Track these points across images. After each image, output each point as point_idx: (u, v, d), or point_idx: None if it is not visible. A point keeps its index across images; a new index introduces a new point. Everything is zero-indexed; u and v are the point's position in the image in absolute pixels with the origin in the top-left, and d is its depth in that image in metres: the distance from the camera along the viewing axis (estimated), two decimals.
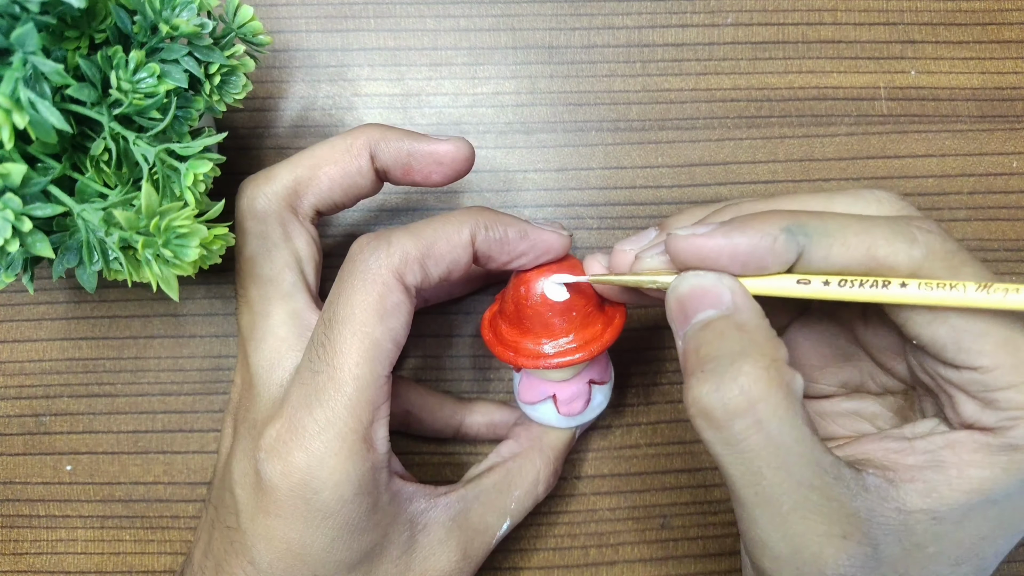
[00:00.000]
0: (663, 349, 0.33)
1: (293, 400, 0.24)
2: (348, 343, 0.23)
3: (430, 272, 0.24)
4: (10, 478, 0.32)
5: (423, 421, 0.31)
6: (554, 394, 0.28)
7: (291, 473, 0.23)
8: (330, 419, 0.23)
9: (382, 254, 0.23)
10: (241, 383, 0.27)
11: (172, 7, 0.23)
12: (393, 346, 0.24)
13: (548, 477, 0.29)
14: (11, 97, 0.19)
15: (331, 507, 0.23)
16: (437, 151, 0.26)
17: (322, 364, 0.23)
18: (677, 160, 0.34)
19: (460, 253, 0.24)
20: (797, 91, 0.34)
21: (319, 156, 0.26)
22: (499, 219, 0.25)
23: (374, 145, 0.26)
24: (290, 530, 0.23)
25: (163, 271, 0.22)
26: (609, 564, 0.32)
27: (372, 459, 0.23)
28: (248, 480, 0.24)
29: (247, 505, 0.24)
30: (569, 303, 0.26)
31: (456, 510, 0.26)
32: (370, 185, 0.27)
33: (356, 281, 0.23)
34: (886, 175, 0.34)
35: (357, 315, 0.23)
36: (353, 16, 0.34)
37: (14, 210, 0.20)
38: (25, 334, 0.33)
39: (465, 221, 0.24)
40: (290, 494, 0.23)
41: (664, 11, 0.34)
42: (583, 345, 0.26)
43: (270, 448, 0.23)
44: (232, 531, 0.24)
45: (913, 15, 0.34)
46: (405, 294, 0.24)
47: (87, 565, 0.32)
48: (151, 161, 0.23)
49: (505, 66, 0.34)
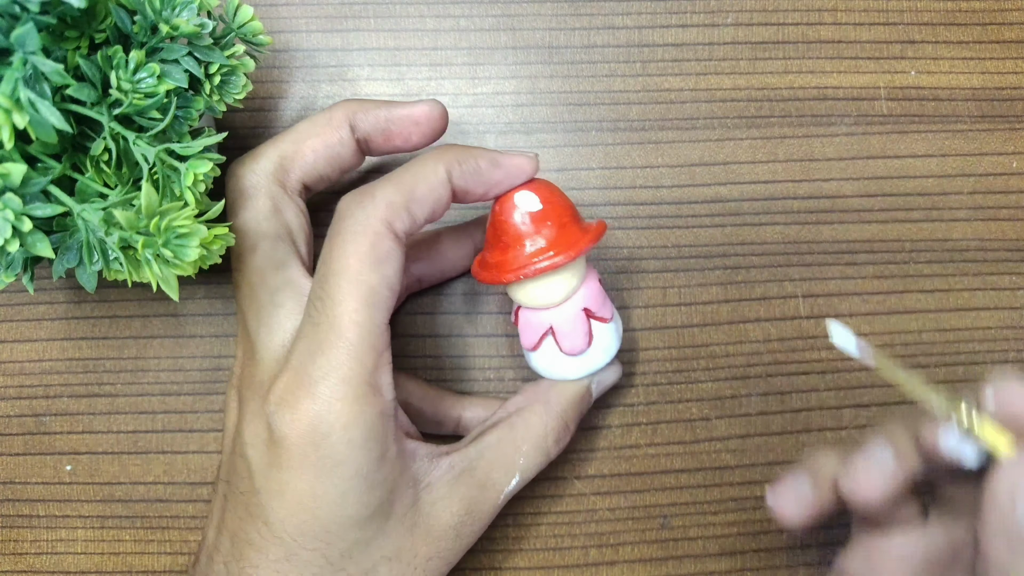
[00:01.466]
0: (663, 349, 0.33)
1: (297, 353, 0.24)
2: (345, 291, 0.23)
3: (416, 215, 0.25)
4: (10, 478, 0.32)
5: (423, 413, 0.31)
6: (551, 326, 0.27)
7: (299, 420, 0.23)
8: (333, 364, 0.23)
9: (368, 206, 0.24)
10: (242, 354, 0.27)
11: (172, 7, 0.23)
12: (389, 292, 0.24)
13: (557, 430, 0.28)
14: (11, 97, 0.19)
15: (340, 453, 0.23)
16: (413, 113, 0.28)
17: (321, 316, 0.24)
18: (677, 160, 0.34)
19: (440, 191, 0.25)
20: (797, 91, 0.34)
21: (301, 131, 0.28)
22: (470, 152, 0.26)
23: (352, 116, 0.28)
24: (301, 481, 0.23)
25: (163, 271, 0.22)
26: (609, 564, 0.32)
27: (379, 404, 0.24)
28: (260, 439, 0.25)
29: (259, 463, 0.24)
30: (544, 212, 0.26)
31: (460, 468, 0.26)
32: (352, 156, 0.28)
33: (347, 234, 0.24)
34: (886, 175, 0.34)
35: (352, 264, 0.24)
36: (353, 16, 0.34)
37: (14, 210, 0.20)
38: (25, 334, 0.33)
39: (439, 159, 0.25)
40: (300, 442, 0.23)
41: (664, 11, 0.34)
42: (561, 248, 0.26)
43: (279, 400, 0.24)
44: (246, 495, 0.25)
45: (913, 15, 0.34)
46: (395, 241, 0.24)
47: (87, 565, 0.32)
48: (151, 161, 0.23)
49: (505, 66, 0.34)
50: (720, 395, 0.33)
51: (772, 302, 0.33)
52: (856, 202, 0.34)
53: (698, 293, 0.33)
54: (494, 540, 0.32)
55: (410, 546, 0.25)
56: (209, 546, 0.26)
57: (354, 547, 0.24)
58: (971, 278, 0.34)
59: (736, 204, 0.34)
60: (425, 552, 0.26)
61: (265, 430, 0.24)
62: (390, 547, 0.25)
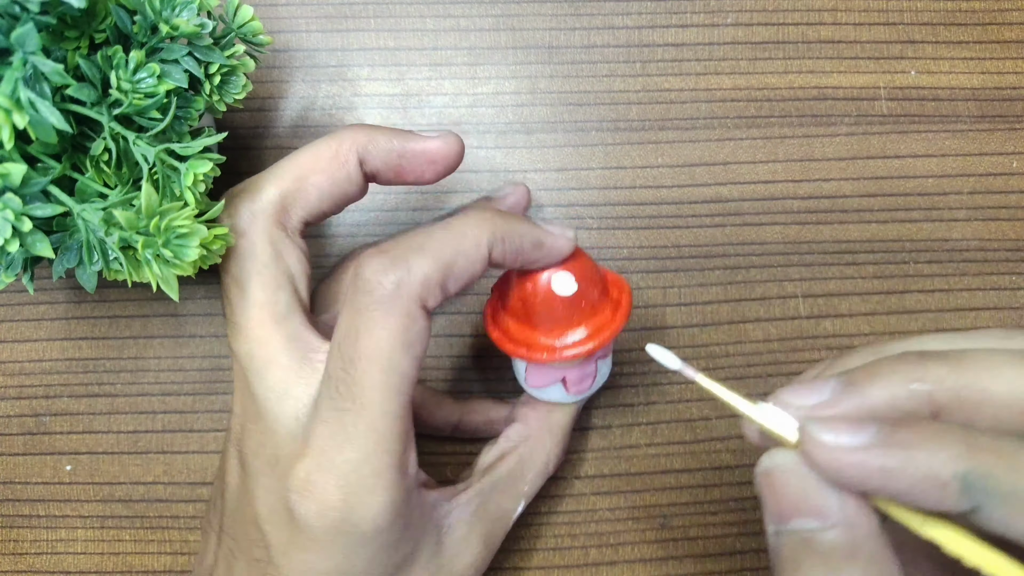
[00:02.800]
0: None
1: (320, 439, 0.23)
2: (376, 379, 0.22)
3: (450, 291, 0.23)
4: (10, 478, 0.32)
5: (421, 418, 0.31)
6: (564, 377, 0.28)
7: (327, 512, 0.22)
8: (363, 456, 0.22)
9: (403, 281, 0.22)
10: (243, 413, 0.25)
11: (172, 7, 0.23)
12: (416, 372, 0.23)
13: (558, 456, 0.29)
14: (11, 97, 0.19)
15: (369, 536, 0.23)
16: (428, 149, 0.25)
17: (347, 402, 0.22)
18: (677, 160, 0.34)
19: (479, 267, 0.23)
20: (797, 91, 0.34)
21: (305, 166, 0.25)
22: (515, 229, 0.24)
23: (362, 149, 0.25)
24: (328, 562, 0.23)
25: (163, 271, 0.22)
26: (609, 564, 0.32)
27: (406, 484, 0.23)
28: (278, 518, 0.23)
29: (279, 541, 0.23)
30: (578, 295, 0.26)
31: (476, 505, 0.26)
32: (359, 191, 0.26)
33: (376, 313, 0.22)
34: (886, 175, 0.34)
35: (383, 349, 0.22)
36: (353, 16, 0.34)
37: (14, 210, 0.20)
38: (25, 334, 0.33)
39: (483, 235, 0.23)
40: (327, 531, 0.23)
41: (664, 11, 0.34)
42: (595, 333, 0.26)
43: (302, 489, 0.23)
44: (262, 564, 0.24)
45: (913, 15, 0.34)
46: (427, 320, 0.23)
47: (87, 565, 0.32)
48: (151, 161, 0.23)
49: (505, 66, 0.34)
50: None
51: (772, 302, 0.33)
52: (856, 202, 0.34)
53: (698, 293, 0.33)
54: None
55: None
56: None
57: None
58: (971, 278, 0.34)
59: (736, 204, 0.34)
60: None
61: (284, 511, 0.23)
62: None
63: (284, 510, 0.23)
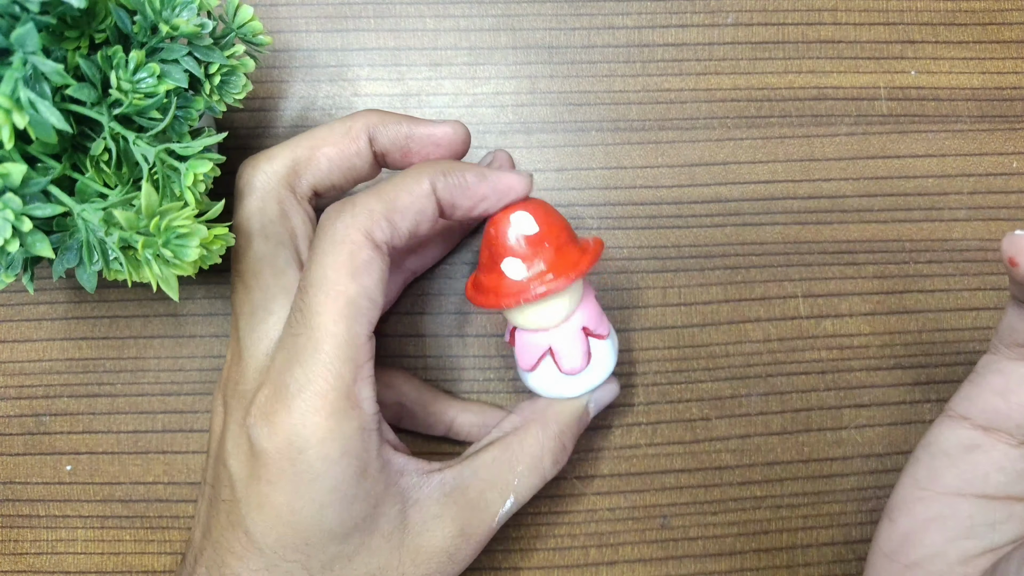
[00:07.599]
0: (663, 349, 0.33)
1: (277, 364, 0.24)
2: (322, 303, 0.23)
3: (398, 226, 0.24)
4: (10, 478, 0.32)
5: (415, 415, 0.31)
6: (549, 347, 0.27)
7: (276, 434, 0.23)
8: (309, 378, 0.23)
9: (347, 215, 0.24)
10: (231, 357, 0.27)
11: (172, 7, 0.23)
12: (369, 303, 0.24)
13: (555, 451, 0.28)
14: (11, 97, 0.19)
15: (317, 468, 0.23)
16: (435, 133, 0.27)
17: (300, 327, 0.23)
18: (677, 160, 0.34)
19: (424, 203, 0.25)
20: (797, 91, 0.34)
21: (318, 137, 0.27)
22: (456, 166, 0.25)
23: (372, 128, 0.27)
24: (279, 495, 0.23)
25: (163, 271, 0.22)
26: (609, 564, 0.32)
27: (358, 419, 0.23)
28: (241, 450, 0.24)
29: (240, 474, 0.24)
30: (541, 235, 0.26)
31: (451, 486, 0.26)
32: (368, 168, 0.28)
33: (326, 244, 0.24)
34: (886, 175, 0.34)
35: (329, 275, 0.23)
36: (353, 16, 0.34)
37: (14, 210, 0.20)
38: (25, 334, 0.33)
39: (423, 171, 0.25)
40: (277, 456, 0.23)
41: (664, 11, 0.34)
42: (560, 271, 0.25)
43: (258, 413, 0.23)
44: (228, 504, 0.25)
45: (913, 15, 0.34)
46: (375, 251, 0.24)
47: (87, 565, 0.32)
48: (151, 161, 0.23)
49: (505, 66, 0.34)
50: (720, 395, 0.33)
51: (772, 302, 0.33)
52: (856, 202, 0.34)
53: (698, 293, 0.33)
54: (493, 540, 0.32)
55: (396, 564, 0.25)
56: (195, 548, 0.26)
57: (335, 560, 0.24)
58: (971, 278, 0.34)
59: (736, 204, 0.34)
60: (413, 572, 0.25)
61: (246, 442, 0.24)
62: (375, 563, 0.24)
63: (246, 441, 0.24)
